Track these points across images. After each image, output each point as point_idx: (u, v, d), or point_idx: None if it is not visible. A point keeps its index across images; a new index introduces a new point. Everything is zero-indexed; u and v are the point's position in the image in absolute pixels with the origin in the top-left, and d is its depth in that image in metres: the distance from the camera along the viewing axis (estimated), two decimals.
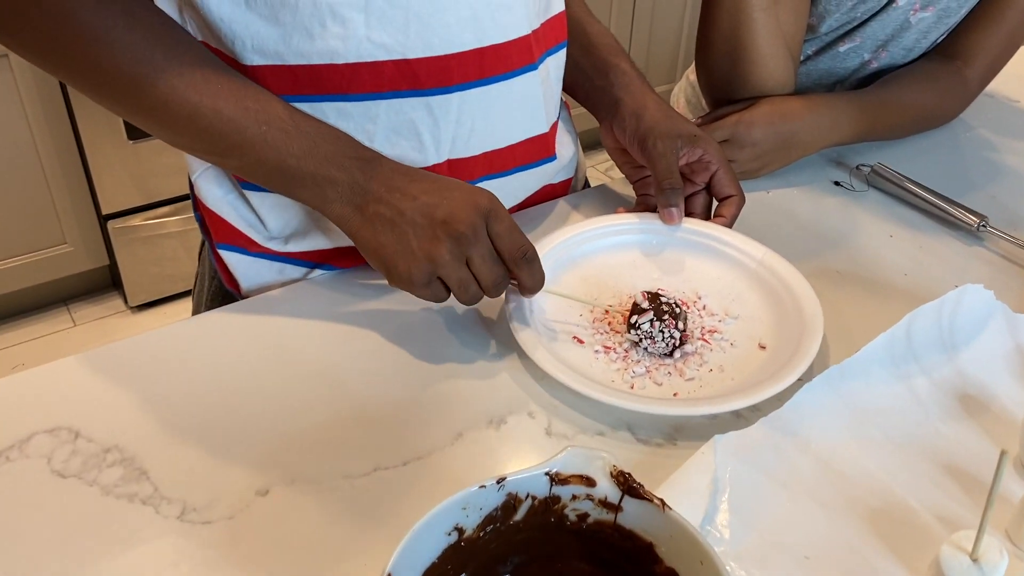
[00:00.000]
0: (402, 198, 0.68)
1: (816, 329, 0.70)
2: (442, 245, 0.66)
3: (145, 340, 0.73)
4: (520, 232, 0.69)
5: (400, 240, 0.67)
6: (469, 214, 0.66)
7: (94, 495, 0.60)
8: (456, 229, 0.66)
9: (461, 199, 0.67)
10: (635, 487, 0.49)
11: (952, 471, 0.63)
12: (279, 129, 0.68)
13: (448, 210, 0.66)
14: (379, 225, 0.68)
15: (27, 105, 2.01)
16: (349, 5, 0.69)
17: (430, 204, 0.67)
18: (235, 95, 0.68)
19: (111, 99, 0.69)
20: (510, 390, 0.69)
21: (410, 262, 0.67)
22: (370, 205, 0.68)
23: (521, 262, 0.69)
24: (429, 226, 0.66)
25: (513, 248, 0.68)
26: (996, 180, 1.01)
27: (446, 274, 0.67)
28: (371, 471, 0.62)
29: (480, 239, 0.67)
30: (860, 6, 1.00)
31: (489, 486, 0.49)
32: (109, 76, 0.66)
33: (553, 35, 0.84)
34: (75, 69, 0.67)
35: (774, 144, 0.95)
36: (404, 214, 0.67)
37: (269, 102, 0.69)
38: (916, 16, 1.01)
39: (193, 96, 0.67)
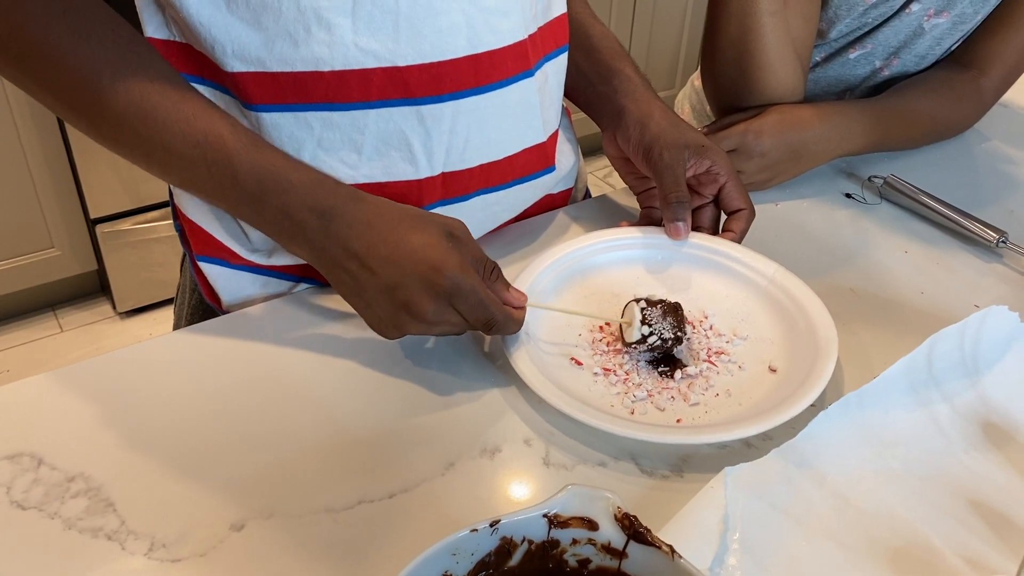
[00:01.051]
0: (360, 269, 0.64)
1: (830, 352, 0.66)
2: (408, 323, 0.64)
3: (116, 359, 0.69)
4: (484, 306, 0.64)
5: (368, 307, 0.65)
6: (430, 300, 0.62)
7: (56, 529, 0.56)
8: (419, 314, 0.63)
9: (420, 281, 0.62)
10: (641, 531, 0.45)
11: (978, 507, 0.59)
12: (226, 173, 0.64)
13: (407, 295, 0.63)
14: (344, 288, 0.66)
15: (14, 107, 1.97)
16: (335, 10, 0.65)
17: (389, 286, 0.63)
18: (182, 128, 0.64)
19: (68, 118, 0.66)
20: (505, 416, 0.65)
21: (378, 323, 0.66)
22: (331, 266, 0.66)
23: (492, 331, 0.66)
24: (391, 306, 0.64)
25: (479, 323, 0.65)
26: (1014, 194, 0.97)
27: (420, 332, 0.66)
28: (355, 504, 0.58)
29: (445, 317, 0.64)
30: (871, 11, 0.96)
31: (481, 529, 0.45)
32: (60, 96, 0.64)
33: (553, 39, 0.80)
34: (31, 86, 0.65)
35: (783, 154, 0.91)
36: (365, 290, 0.64)
37: (220, 137, 0.64)
38: (930, 22, 0.97)
39: (141, 128, 0.63)
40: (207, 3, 0.65)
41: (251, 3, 0.65)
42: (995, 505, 0.59)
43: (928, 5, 0.96)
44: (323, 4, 0.65)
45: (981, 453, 0.63)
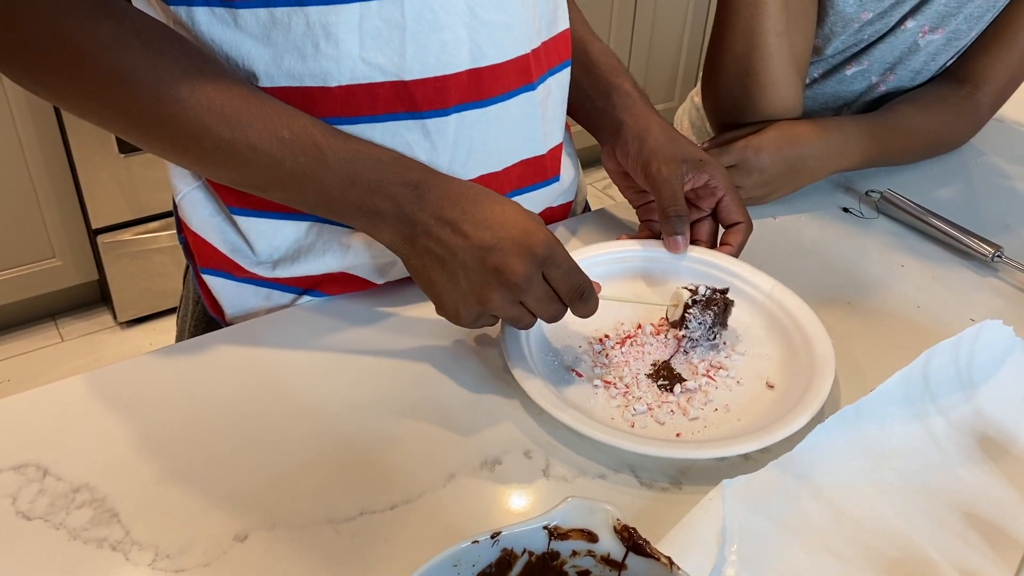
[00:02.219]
0: (453, 235, 0.64)
1: (827, 369, 0.67)
2: (494, 291, 0.63)
3: (121, 370, 0.69)
4: (578, 272, 0.65)
5: (450, 279, 0.65)
6: (524, 264, 0.62)
7: (61, 539, 0.56)
8: (509, 279, 0.62)
9: (515, 244, 0.63)
10: (640, 543, 0.46)
11: (973, 519, 0.59)
12: (316, 159, 0.65)
13: (501, 257, 0.63)
14: (429, 260, 0.65)
15: (17, 117, 1.98)
16: (343, 25, 0.66)
17: (483, 248, 0.63)
18: (268, 125, 0.64)
19: (143, 138, 0.66)
20: (505, 428, 0.66)
21: (459, 301, 0.65)
22: (419, 238, 0.65)
23: (577, 301, 0.66)
24: (480, 271, 0.63)
25: (571, 292, 0.65)
26: (1009, 208, 0.98)
27: (497, 313, 0.65)
28: (357, 515, 0.58)
29: (534, 287, 0.63)
30: (867, 28, 0.97)
31: (483, 541, 0.45)
32: (135, 116, 0.63)
33: (556, 54, 0.81)
34: (102, 112, 0.64)
35: (782, 170, 0.92)
36: (455, 254, 0.64)
37: (304, 128, 0.65)
38: (925, 39, 0.98)
39: (225, 132, 0.63)
40: (217, 21, 0.66)
41: (260, 19, 0.66)
42: (990, 517, 0.60)
43: (923, 22, 0.96)
44: (331, 20, 0.65)
45: (976, 466, 0.64)
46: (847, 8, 0.94)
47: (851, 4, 0.94)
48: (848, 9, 0.94)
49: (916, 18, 0.96)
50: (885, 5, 0.95)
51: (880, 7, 0.95)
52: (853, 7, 0.94)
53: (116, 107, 0.63)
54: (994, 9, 0.97)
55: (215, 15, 0.66)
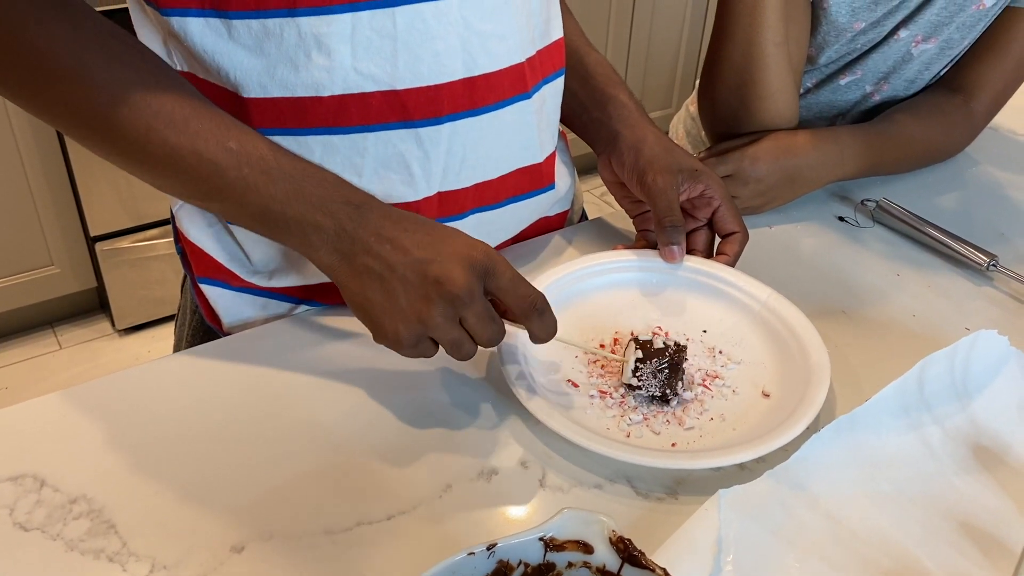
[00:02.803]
0: (392, 251, 0.62)
1: (823, 378, 0.67)
2: (434, 307, 0.61)
3: (118, 380, 0.70)
4: (524, 283, 0.63)
5: (389, 297, 0.62)
6: (464, 274, 0.60)
7: (58, 550, 0.56)
8: (449, 291, 0.60)
9: (455, 256, 0.61)
10: (636, 555, 0.46)
11: (968, 529, 0.60)
12: (261, 171, 0.64)
13: (441, 268, 0.61)
14: (367, 279, 0.63)
15: (15, 124, 1.98)
16: (335, 36, 0.66)
17: (422, 260, 0.61)
18: (216, 135, 0.63)
19: (89, 140, 0.65)
20: (502, 438, 0.66)
21: (398, 321, 0.62)
22: (358, 256, 0.63)
23: (532, 314, 0.63)
24: (421, 285, 0.61)
25: (520, 302, 0.63)
26: (1004, 217, 0.98)
27: (437, 336, 0.62)
28: (353, 526, 0.58)
29: (475, 299, 0.61)
30: (860, 37, 0.98)
31: (479, 553, 0.45)
32: (85, 116, 0.63)
33: (551, 63, 0.82)
34: (54, 110, 0.64)
35: (779, 180, 0.92)
36: (394, 269, 0.62)
37: (252, 142, 0.64)
38: (918, 48, 0.99)
39: (172, 137, 0.63)
40: (210, 32, 0.67)
41: (253, 30, 0.66)
42: (985, 527, 0.60)
43: (916, 31, 0.97)
44: (323, 30, 0.66)
45: (971, 476, 0.64)
46: (840, 18, 0.95)
47: (844, 14, 0.94)
48: (841, 19, 0.95)
49: (909, 28, 0.96)
50: (878, 14, 0.95)
51: (873, 16, 0.95)
52: (846, 17, 0.95)
53: (68, 107, 0.63)
54: (986, 18, 0.98)
55: (209, 26, 0.66)
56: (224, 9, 0.65)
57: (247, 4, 0.65)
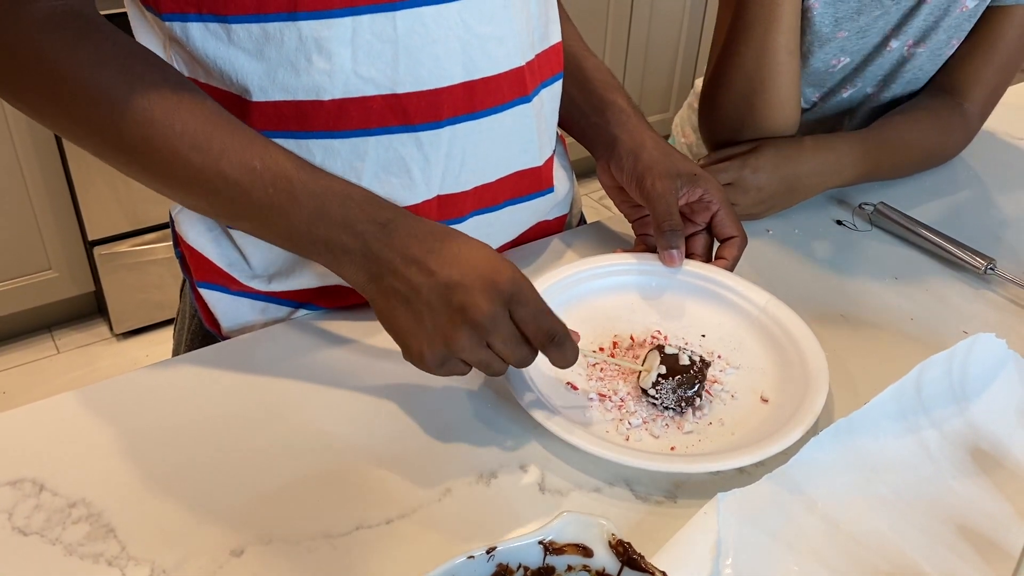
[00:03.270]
0: (418, 273, 0.62)
1: (821, 384, 0.67)
2: (459, 332, 0.60)
3: (117, 385, 0.70)
4: (547, 313, 0.62)
5: (415, 319, 0.62)
6: (489, 301, 0.59)
7: (57, 554, 0.56)
8: (474, 317, 0.59)
9: (480, 280, 0.60)
10: (635, 558, 0.46)
11: (966, 533, 0.60)
12: (285, 191, 0.63)
13: (466, 295, 0.60)
14: (394, 300, 0.63)
15: (14, 129, 1.98)
16: (336, 39, 0.66)
17: (448, 285, 0.60)
18: (240, 154, 0.63)
19: (116, 160, 0.65)
20: (501, 442, 0.66)
21: (423, 344, 0.62)
22: (385, 277, 0.63)
23: (550, 346, 0.62)
24: (445, 310, 0.60)
25: (539, 334, 0.62)
26: (1002, 221, 0.98)
27: (465, 358, 0.62)
28: (353, 530, 0.58)
29: (500, 326, 0.60)
30: (846, 46, 0.98)
31: (478, 556, 0.45)
32: (110, 137, 0.63)
33: (549, 66, 0.82)
34: (77, 131, 0.64)
35: (778, 188, 0.92)
36: (420, 293, 0.61)
37: (276, 160, 0.64)
38: (911, 51, 1.00)
39: (196, 158, 0.62)
40: (211, 37, 0.67)
41: (253, 34, 0.66)
42: (983, 530, 0.60)
43: (907, 38, 0.98)
44: (324, 34, 0.66)
45: (969, 479, 0.64)
46: (824, 27, 0.96)
47: (828, 23, 0.95)
48: (825, 28, 0.96)
49: (899, 37, 0.97)
50: (861, 23, 0.96)
51: (856, 26, 0.96)
52: (830, 26, 0.96)
53: (91, 127, 0.63)
54: (971, 19, 0.98)
55: (209, 30, 0.66)
56: (223, 13, 0.66)
57: (247, 8, 0.65)
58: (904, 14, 0.96)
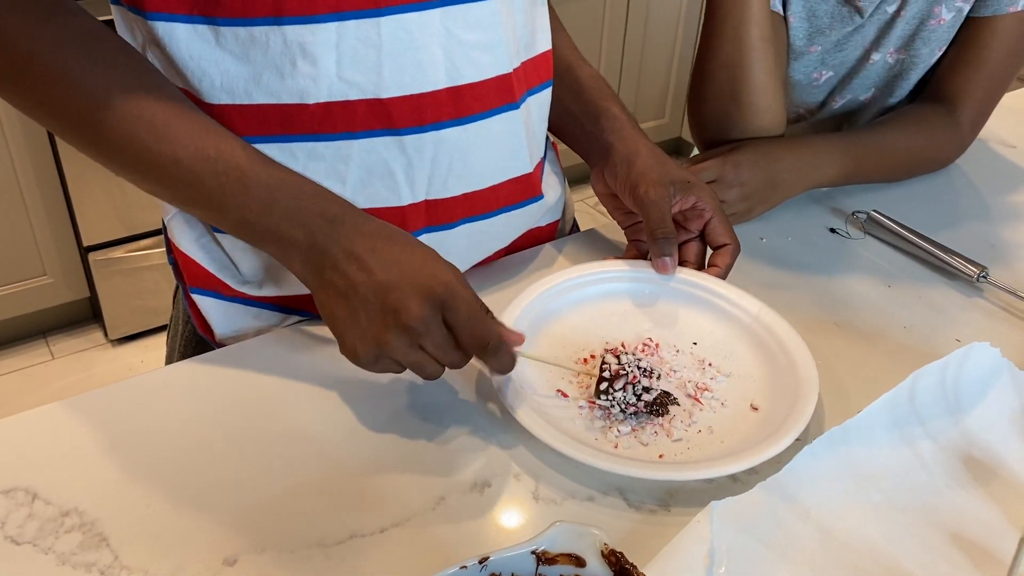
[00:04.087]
0: (358, 271, 0.63)
1: (811, 392, 0.67)
2: (391, 333, 0.61)
3: (110, 393, 0.69)
4: (480, 321, 0.63)
5: (351, 315, 0.63)
6: (420, 306, 0.61)
7: (50, 564, 0.56)
8: (405, 321, 0.61)
9: (415, 286, 0.61)
10: (628, 568, 0.46)
11: (960, 541, 0.60)
12: (237, 180, 0.64)
13: (399, 298, 0.61)
14: (332, 294, 0.64)
15: (8, 133, 1.98)
16: (320, 44, 0.66)
17: (384, 286, 0.62)
18: (195, 142, 0.64)
19: (76, 141, 0.66)
20: (494, 451, 0.66)
21: (357, 340, 0.63)
22: (327, 271, 0.64)
23: (483, 353, 0.64)
24: (379, 310, 0.62)
25: (472, 342, 0.63)
26: (994, 229, 0.98)
27: (397, 358, 0.63)
28: (346, 538, 0.58)
29: (431, 331, 0.61)
30: (827, 59, 0.99)
31: (471, 566, 0.46)
32: (70, 118, 0.64)
33: (537, 74, 0.82)
34: (40, 110, 0.65)
35: (761, 183, 0.93)
36: (357, 290, 0.63)
37: (231, 149, 0.65)
38: (894, 58, 1.01)
39: (152, 143, 0.63)
40: (197, 38, 0.67)
41: (239, 38, 0.66)
42: (976, 539, 0.60)
43: (888, 47, 0.99)
44: (308, 39, 0.66)
45: (963, 488, 0.64)
46: (797, 41, 0.97)
47: (800, 38, 0.97)
48: (798, 42, 0.97)
49: (879, 50, 0.98)
50: (834, 39, 0.97)
51: (828, 41, 0.97)
52: (802, 41, 0.97)
53: (52, 108, 0.64)
54: (951, 29, 0.99)
55: (197, 32, 0.67)
56: (213, 16, 0.66)
57: (234, 11, 0.65)
58: (880, 28, 0.98)
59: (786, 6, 0.96)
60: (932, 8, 0.97)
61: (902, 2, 0.95)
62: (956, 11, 0.97)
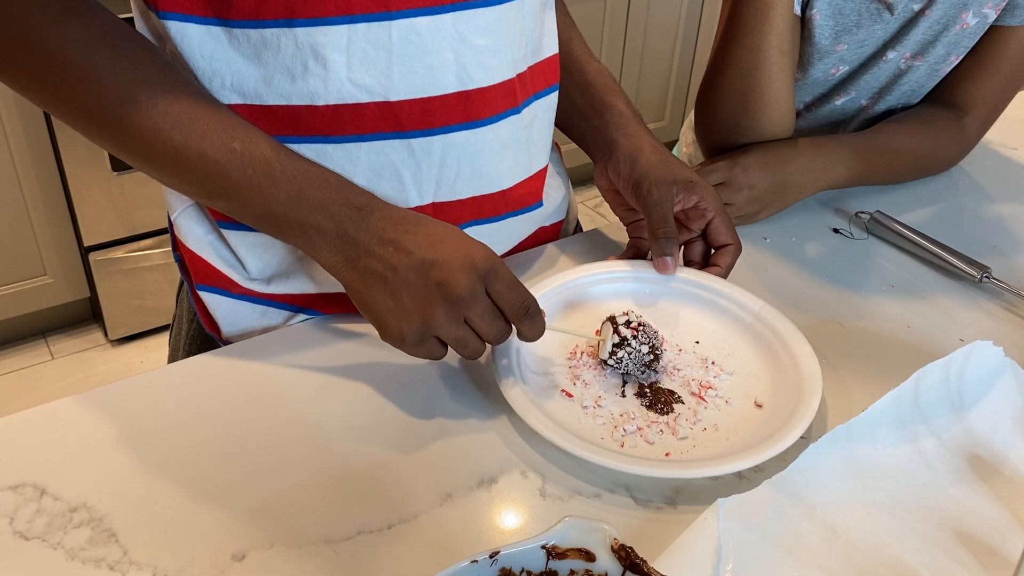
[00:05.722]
0: (395, 253, 0.64)
1: (815, 389, 0.68)
2: (437, 307, 0.63)
3: (118, 389, 0.70)
4: (520, 287, 0.66)
5: (393, 297, 0.64)
6: (467, 276, 0.63)
7: (58, 559, 0.56)
8: (452, 292, 0.62)
9: (457, 258, 0.63)
10: (638, 562, 0.46)
11: (964, 538, 0.60)
12: (264, 173, 0.65)
13: (444, 271, 0.63)
14: (371, 280, 0.65)
15: (9, 134, 1.98)
16: (331, 46, 0.67)
17: (425, 262, 0.63)
18: (221, 136, 0.65)
19: (99, 137, 0.66)
20: (501, 448, 0.66)
21: (402, 321, 0.64)
22: (361, 258, 0.65)
23: (523, 318, 0.66)
24: (423, 286, 0.63)
25: (515, 305, 0.65)
26: (997, 230, 0.99)
27: (442, 334, 0.64)
28: (354, 535, 0.59)
29: (478, 300, 0.64)
30: (845, 57, 0.99)
31: (481, 560, 0.46)
32: (95, 115, 0.64)
33: (543, 79, 0.82)
34: (64, 107, 0.65)
35: (770, 186, 0.93)
36: (397, 271, 0.64)
37: (256, 142, 0.66)
38: (907, 64, 1.01)
39: (177, 137, 0.64)
40: (209, 38, 0.67)
41: (251, 39, 0.67)
42: (981, 536, 0.60)
43: (904, 51, 0.98)
44: (320, 41, 0.67)
45: (967, 486, 0.65)
46: (823, 39, 0.96)
47: (827, 36, 0.96)
48: (824, 41, 0.96)
49: (896, 49, 0.98)
50: (861, 36, 0.96)
51: (855, 38, 0.96)
52: (829, 39, 0.96)
53: (77, 105, 0.64)
54: (970, 36, 0.99)
55: (210, 33, 0.67)
56: (226, 17, 0.66)
57: (246, 13, 0.66)
58: (902, 25, 0.97)
59: (808, 4, 0.95)
60: (959, 13, 0.96)
61: (928, 2, 0.95)
62: (982, 17, 0.97)
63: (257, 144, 0.66)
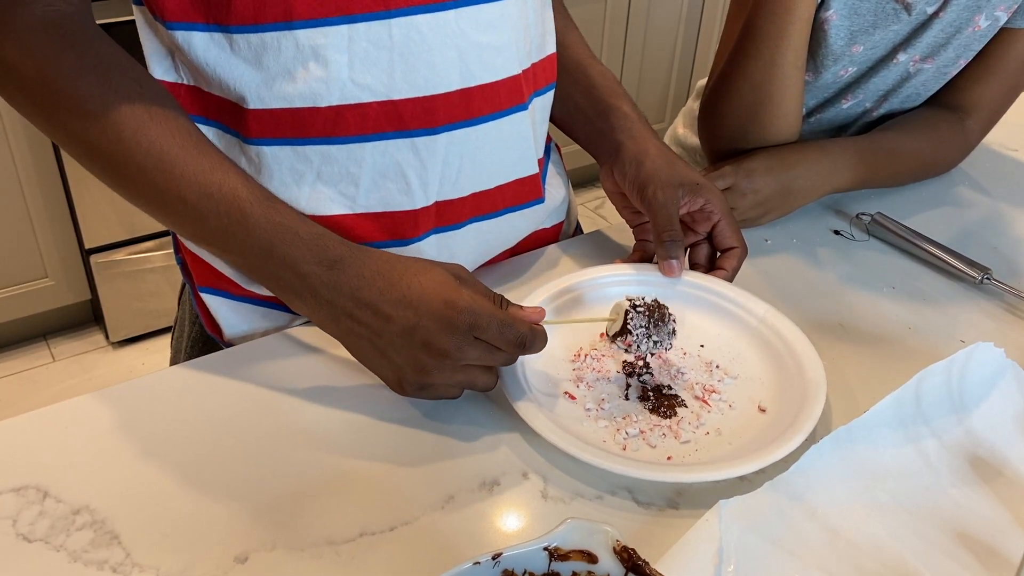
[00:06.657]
0: (374, 317, 0.63)
1: (819, 394, 0.68)
2: (430, 365, 0.63)
3: (120, 392, 0.70)
4: (509, 324, 0.63)
5: (383, 356, 0.65)
6: (450, 336, 0.62)
7: (61, 561, 0.56)
8: (440, 350, 0.62)
9: (438, 321, 0.62)
10: (640, 564, 0.46)
11: (965, 540, 0.60)
12: (239, 223, 0.65)
13: (427, 334, 0.62)
14: (358, 340, 0.65)
15: (11, 136, 1.98)
16: (332, 47, 0.67)
17: (407, 328, 0.62)
18: (200, 180, 0.65)
19: (90, 169, 0.68)
20: (503, 450, 0.66)
21: (399, 375, 0.65)
22: (342, 320, 0.65)
23: (524, 350, 0.65)
24: (410, 347, 0.63)
25: (510, 343, 0.64)
26: (997, 231, 0.99)
27: (444, 382, 0.64)
28: (356, 536, 0.59)
29: (468, 350, 0.62)
30: (858, 59, 0.99)
31: (484, 562, 0.46)
32: (85, 148, 0.65)
33: (544, 76, 0.83)
34: (58, 137, 0.66)
35: (775, 191, 0.93)
36: (381, 336, 0.64)
37: (234, 190, 0.65)
38: (916, 67, 1.00)
39: (160, 180, 0.65)
40: (213, 45, 0.68)
41: (252, 43, 0.67)
42: (982, 538, 0.60)
43: (914, 53, 0.98)
44: (320, 42, 0.67)
45: (968, 487, 0.65)
46: (838, 42, 0.96)
47: (842, 38, 0.96)
48: (839, 43, 0.96)
49: (907, 51, 0.97)
50: (875, 38, 0.96)
51: (870, 40, 0.96)
52: (844, 41, 0.96)
53: (68, 135, 0.65)
54: (981, 39, 0.99)
55: (212, 40, 0.67)
56: (225, 23, 0.66)
57: (245, 18, 0.66)
58: (915, 27, 0.96)
59: (824, 5, 0.94)
60: (972, 15, 0.96)
61: (943, 4, 0.94)
62: (994, 20, 0.97)
63: (235, 191, 0.65)
